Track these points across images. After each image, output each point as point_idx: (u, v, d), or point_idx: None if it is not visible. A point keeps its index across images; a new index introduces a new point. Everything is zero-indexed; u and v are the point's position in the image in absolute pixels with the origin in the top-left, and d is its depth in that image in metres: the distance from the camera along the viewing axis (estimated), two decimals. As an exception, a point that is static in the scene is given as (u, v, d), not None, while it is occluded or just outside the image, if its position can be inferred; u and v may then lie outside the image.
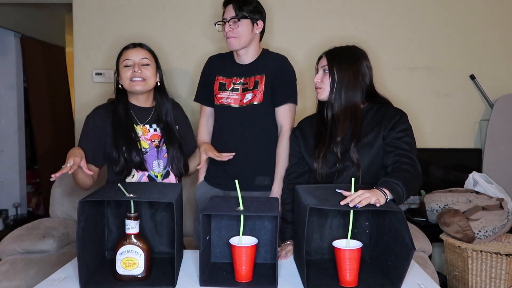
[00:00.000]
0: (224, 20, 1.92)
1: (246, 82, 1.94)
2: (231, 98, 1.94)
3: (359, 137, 1.54)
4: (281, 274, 1.32)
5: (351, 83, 1.57)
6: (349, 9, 2.96)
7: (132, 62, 1.74)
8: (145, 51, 1.79)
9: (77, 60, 2.98)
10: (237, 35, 1.88)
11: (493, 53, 2.99)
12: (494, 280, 2.26)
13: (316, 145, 1.62)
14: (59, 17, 5.04)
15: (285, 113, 1.92)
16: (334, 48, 1.66)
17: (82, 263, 1.20)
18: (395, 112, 1.57)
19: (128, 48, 1.78)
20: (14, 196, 4.34)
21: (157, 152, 1.76)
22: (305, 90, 2.71)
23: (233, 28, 1.88)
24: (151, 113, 1.81)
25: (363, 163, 1.53)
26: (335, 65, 1.58)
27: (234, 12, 1.88)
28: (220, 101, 1.96)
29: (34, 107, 4.33)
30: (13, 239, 2.22)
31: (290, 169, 1.73)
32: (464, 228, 2.30)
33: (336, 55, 1.62)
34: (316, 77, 1.63)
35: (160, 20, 2.95)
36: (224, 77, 1.98)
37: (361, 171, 1.53)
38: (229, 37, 1.90)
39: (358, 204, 1.23)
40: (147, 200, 1.38)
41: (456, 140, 3.01)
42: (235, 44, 1.90)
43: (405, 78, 2.98)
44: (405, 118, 1.56)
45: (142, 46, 1.80)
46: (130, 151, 1.68)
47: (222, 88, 1.97)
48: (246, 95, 1.92)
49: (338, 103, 1.57)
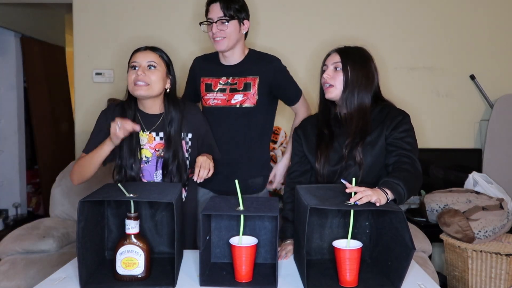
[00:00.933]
0: (209, 21, 1.85)
1: (234, 82, 1.91)
2: (218, 98, 1.91)
3: (365, 137, 1.53)
4: (281, 274, 1.32)
5: (364, 84, 1.55)
6: (349, 9, 2.96)
7: (138, 65, 1.63)
8: (153, 55, 1.65)
9: (77, 60, 2.98)
10: (225, 35, 1.83)
11: (493, 53, 2.99)
12: (494, 280, 2.26)
13: (318, 145, 1.61)
14: (59, 17, 5.04)
15: (300, 105, 2.00)
16: (345, 46, 1.62)
17: (82, 263, 1.20)
18: (397, 113, 1.57)
19: (139, 50, 1.67)
20: (14, 196, 4.35)
21: (159, 163, 1.66)
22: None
23: (220, 29, 1.83)
24: (158, 121, 1.68)
25: (365, 162, 1.53)
26: (350, 64, 1.55)
27: (221, 12, 1.82)
28: (207, 102, 1.94)
29: (34, 107, 4.33)
30: (13, 239, 2.22)
31: (292, 168, 1.72)
32: (464, 228, 2.30)
33: (350, 53, 1.58)
34: (327, 73, 1.58)
35: (161, 20, 2.95)
36: (210, 78, 1.95)
37: (362, 170, 1.52)
38: (216, 39, 1.84)
39: (358, 201, 1.23)
40: (147, 200, 1.38)
41: (456, 140, 3.01)
42: (223, 46, 1.85)
43: (405, 78, 2.98)
44: (407, 119, 1.56)
45: (152, 49, 1.67)
46: (128, 160, 1.61)
47: (209, 89, 1.94)
48: (235, 95, 1.90)
49: (350, 103, 1.54)
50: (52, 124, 4.59)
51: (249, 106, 1.90)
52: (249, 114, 1.91)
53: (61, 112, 4.84)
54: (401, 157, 1.48)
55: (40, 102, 4.43)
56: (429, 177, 2.92)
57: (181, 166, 1.66)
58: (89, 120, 3.00)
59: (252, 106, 1.90)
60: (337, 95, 1.57)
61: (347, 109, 1.56)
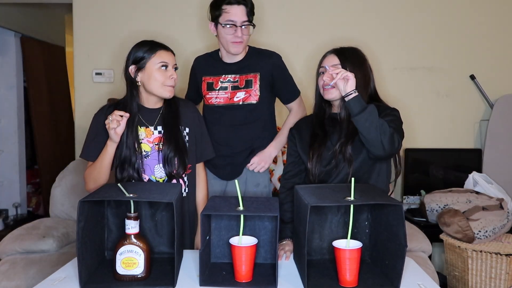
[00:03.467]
0: (232, 23, 1.81)
1: (235, 80, 1.92)
2: (220, 97, 1.92)
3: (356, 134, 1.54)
4: (281, 274, 1.32)
5: (362, 85, 1.55)
6: (349, 9, 2.96)
7: (168, 65, 1.64)
8: (174, 57, 1.70)
9: (77, 60, 2.98)
10: (244, 40, 1.84)
11: (493, 53, 2.99)
12: (494, 280, 2.26)
13: (311, 144, 1.62)
14: (59, 17, 5.04)
15: (295, 104, 2.01)
16: (341, 48, 1.62)
17: (82, 263, 1.20)
18: (386, 107, 1.59)
19: (165, 48, 1.67)
20: (14, 196, 4.34)
21: (159, 156, 1.65)
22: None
23: (244, 33, 1.81)
24: (158, 115, 1.69)
25: (355, 158, 1.54)
26: (348, 64, 1.55)
27: (246, 16, 1.80)
28: (209, 101, 1.94)
29: (34, 107, 4.33)
30: (13, 239, 2.22)
31: (287, 168, 1.73)
32: (464, 228, 2.30)
33: (347, 55, 1.59)
34: (326, 75, 1.57)
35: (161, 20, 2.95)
36: (211, 76, 1.95)
37: (352, 167, 1.53)
38: (238, 42, 1.83)
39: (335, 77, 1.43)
40: (147, 200, 1.38)
41: (456, 140, 3.01)
42: (241, 49, 1.86)
43: (405, 78, 2.98)
44: (395, 112, 1.58)
45: (172, 51, 1.70)
46: (128, 155, 1.60)
47: (210, 88, 1.95)
48: (237, 93, 1.90)
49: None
50: (52, 124, 4.59)
51: (252, 103, 1.91)
52: (253, 111, 1.92)
53: (61, 112, 4.83)
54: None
55: (40, 102, 4.42)
56: (429, 177, 2.92)
57: (183, 153, 1.67)
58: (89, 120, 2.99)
59: (255, 103, 1.91)
60: (337, 96, 1.57)
61: (345, 110, 1.56)
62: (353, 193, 1.24)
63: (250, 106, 1.91)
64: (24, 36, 4.35)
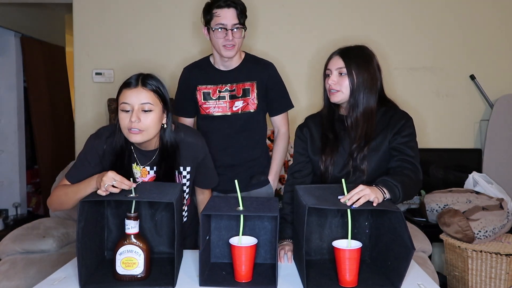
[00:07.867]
0: (222, 27, 1.78)
1: (232, 89, 1.89)
2: (219, 106, 1.89)
3: (369, 142, 1.52)
4: (281, 274, 1.32)
5: (369, 87, 1.52)
6: (349, 10, 2.96)
7: (130, 107, 1.41)
8: (147, 94, 1.42)
9: (77, 60, 2.98)
10: (236, 43, 1.80)
11: (493, 53, 2.99)
12: (494, 280, 2.26)
13: (323, 149, 1.58)
14: (59, 17, 5.04)
15: (282, 119, 1.99)
16: (346, 48, 1.58)
17: (81, 263, 1.20)
18: (401, 116, 1.55)
19: (129, 87, 1.43)
20: (14, 196, 4.34)
21: None
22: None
23: (235, 36, 1.78)
24: (153, 156, 1.54)
25: (369, 168, 1.51)
26: (353, 67, 1.52)
27: (237, 19, 1.78)
28: (207, 111, 1.91)
29: (34, 107, 4.33)
30: (13, 239, 2.22)
31: (296, 167, 1.66)
32: (464, 228, 2.30)
33: (352, 56, 1.55)
34: (331, 79, 1.54)
35: (161, 20, 2.95)
36: (208, 86, 1.90)
37: (366, 176, 1.51)
38: (229, 46, 1.80)
39: (355, 203, 1.22)
40: (147, 200, 1.38)
41: (456, 140, 3.01)
42: (233, 53, 1.82)
43: (405, 78, 2.98)
44: (410, 122, 1.55)
45: (145, 85, 1.43)
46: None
47: (207, 98, 1.90)
48: (235, 102, 1.88)
49: (357, 107, 1.52)
50: (52, 124, 4.58)
51: (250, 111, 1.90)
52: (251, 119, 1.91)
53: (61, 112, 4.83)
54: (404, 163, 1.48)
55: (40, 102, 4.42)
56: (429, 177, 2.92)
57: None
58: (89, 120, 3.01)
59: (253, 111, 1.90)
60: (343, 99, 1.55)
61: (354, 113, 1.53)
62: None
63: (248, 114, 1.90)
64: (24, 36, 4.35)
